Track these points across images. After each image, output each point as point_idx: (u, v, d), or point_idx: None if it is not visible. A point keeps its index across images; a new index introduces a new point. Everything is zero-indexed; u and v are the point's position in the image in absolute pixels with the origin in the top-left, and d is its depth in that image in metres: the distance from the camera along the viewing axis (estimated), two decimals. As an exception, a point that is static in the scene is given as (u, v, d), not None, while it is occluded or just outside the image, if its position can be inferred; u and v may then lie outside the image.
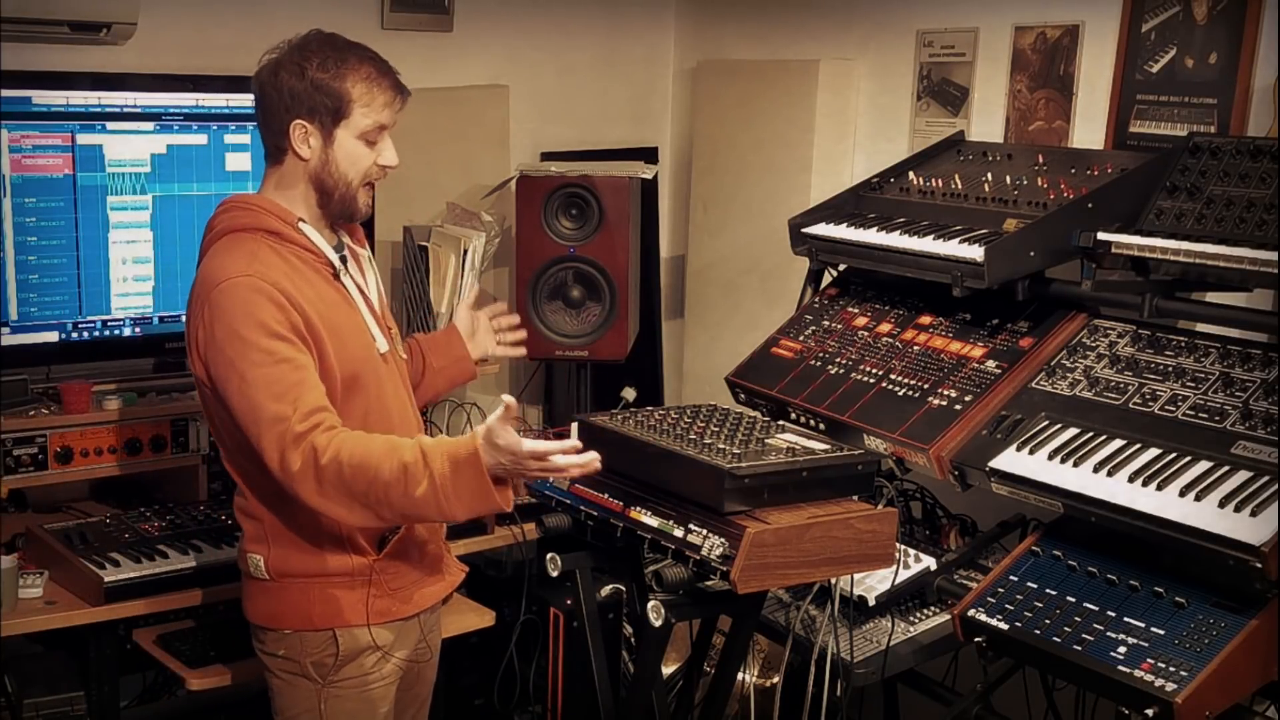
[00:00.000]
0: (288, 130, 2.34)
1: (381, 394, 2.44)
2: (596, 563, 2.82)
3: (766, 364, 3.12)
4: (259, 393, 2.22)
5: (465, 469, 2.17)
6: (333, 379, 2.33)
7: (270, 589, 2.42)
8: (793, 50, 4.00)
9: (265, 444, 2.22)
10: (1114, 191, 2.71)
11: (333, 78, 2.32)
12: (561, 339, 3.81)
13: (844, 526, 2.42)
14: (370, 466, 2.18)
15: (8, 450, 2.97)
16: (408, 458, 2.19)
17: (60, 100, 3.13)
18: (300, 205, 2.40)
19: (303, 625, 2.41)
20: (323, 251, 2.39)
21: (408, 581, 2.48)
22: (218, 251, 2.34)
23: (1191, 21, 3.02)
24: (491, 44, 4.08)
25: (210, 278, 2.30)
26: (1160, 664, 2.17)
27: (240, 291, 2.25)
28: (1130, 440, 2.43)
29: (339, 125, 2.35)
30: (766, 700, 3.28)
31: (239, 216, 2.36)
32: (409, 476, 2.17)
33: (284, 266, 2.32)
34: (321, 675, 2.42)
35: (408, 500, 2.19)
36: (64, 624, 2.77)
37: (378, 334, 2.46)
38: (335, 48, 2.35)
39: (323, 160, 2.36)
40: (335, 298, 2.39)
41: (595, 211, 3.75)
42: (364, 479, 2.19)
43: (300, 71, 2.32)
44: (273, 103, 2.34)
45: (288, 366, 2.24)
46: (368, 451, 2.20)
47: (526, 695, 3.46)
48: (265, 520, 2.40)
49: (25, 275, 3.13)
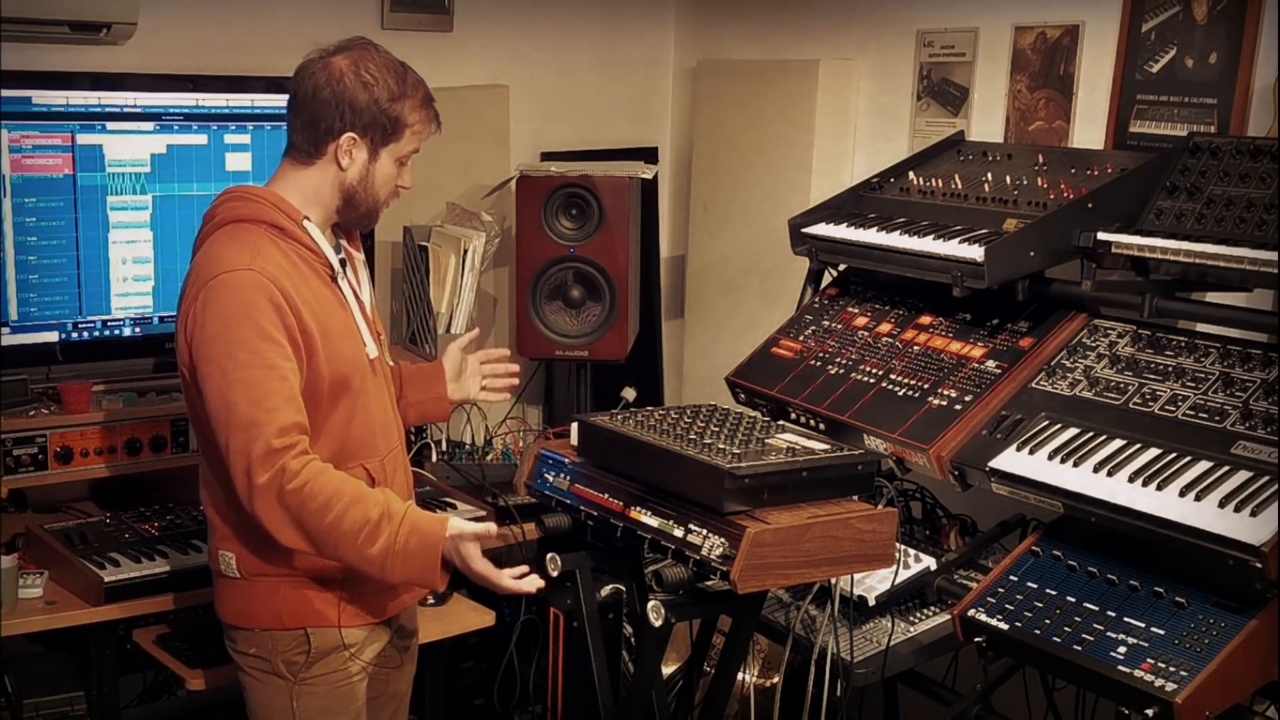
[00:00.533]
0: (338, 138, 2.34)
1: (367, 400, 2.43)
2: (596, 563, 2.82)
3: (766, 364, 3.12)
4: (238, 393, 2.21)
5: (423, 549, 2.25)
6: (321, 381, 2.32)
7: (241, 587, 2.41)
8: (793, 50, 4.00)
9: (232, 446, 2.21)
10: (1114, 191, 2.71)
11: (395, 101, 2.35)
12: (561, 339, 3.81)
13: (844, 526, 2.41)
14: (333, 510, 2.21)
15: (8, 450, 2.97)
16: (373, 514, 2.23)
17: (60, 100, 3.13)
18: (313, 206, 2.39)
19: (273, 624, 2.39)
20: (324, 252, 2.39)
21: (376, 589, 2.44)
22: (218, 240, 2.32)
23: (1191, 21, 3.02)
24: (491, 44, 4.08)
25: (209, 267, 2.28)
26: (1160, 664, 2.17)
27: (239, 287, 2.24)
28: (1130, 440, 2.43)
29: (386, 146, 2.37)
30: (766, 700, 3.29)
31: (242, 207, 2.34)
32: (369, 532, 2.22)
33: (284, 263, 2.31)
34: (293, 673, 2.41)
35: (357, 552, 2.24)
36: (64, 624, 2.77)
37: (369, 339, 2.45)
38: (396, 70, 2.37)
39: (363, 175, 2.38)
40: (331, 299, 2.39)
41: (595, 211, 3.75)
42: (323, 519, 2.21)
43: (366, 88, 2.32)
44: (327, 109, 2.32)
45: (272, 373, 2.22)
46: (336, 493, 2.22)
47: (526, 695, 3.46)
48: (237, 518, 2.36)
49: (25, 275, 3.13)
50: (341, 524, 2.21)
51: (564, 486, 2.68)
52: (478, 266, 3.62)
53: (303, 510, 2.21)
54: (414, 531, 2.24)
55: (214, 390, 2.23)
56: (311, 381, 2.31)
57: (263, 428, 2.19)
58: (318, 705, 2.43)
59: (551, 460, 2.75)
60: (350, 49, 2.37)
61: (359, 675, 2.47)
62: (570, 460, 2.71)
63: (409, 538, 2.24)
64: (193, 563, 2.88)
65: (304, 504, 2.20)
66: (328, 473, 2.24)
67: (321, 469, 2.23)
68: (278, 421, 2.20)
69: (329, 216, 2.43)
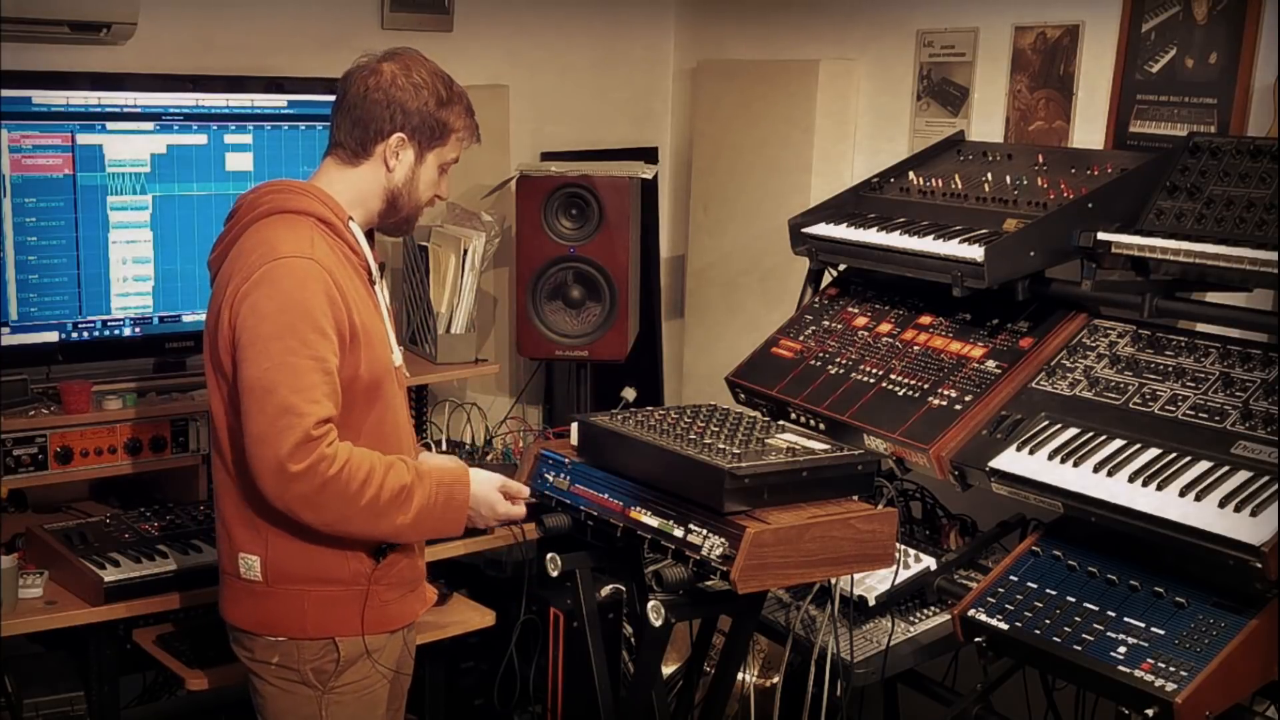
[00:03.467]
0: (387, 139, 2.37)
1: (395, 405, 2.44)
2: (596, 563, 2.82)
3: (766, 364, 3.12)
4: (281, 378, 2.20)
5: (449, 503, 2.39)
6: (359, 380, 2.33)
7: (261, 593, 2.38)
8: (793, 50, 4.00)
9: (265, 428, 2.20)
10: (1114, 191, 2.71)
11: (444, 107, 2.41)
12: (561, 339, 3.81)
13: (844, 526, 2.42)
14: (373, 484, 2.27)
15: (8, 450, 2.97)
16: (407, 478, 2.33)
17: (60, 100, 3.13)
18: (357, 207, 2.41)
19: (297, 633, 2.37)
20: (365, 253, 2.40)
21: (396, 595, 2.46)
22: (271, 226, 2.31)
23: (1191, 21, 3.02)
24: (491, 44, 4.08)
25: (265, 249, 2.27)
26: (1160, 664, 2.17)
27: (297, 274, 2.24)
28: (1130, 440, 2.43)
29: (432, 150, 2.42)
30: (766, 700, 3.28)
31: (291, 199, 2.34)
32: (404, 497, 2.32)
33: (334, 258, 2.32)
34: (322, 682, 2.39)
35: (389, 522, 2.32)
36: (64, 624, 2.77)
37: (395, 346, 2.46)
38: (443, 78, 2.44)
39: (408, 178, 2.42)
40: (369, 302, 2.40)
41: (595, 211, 3.75)
42: (364, 496, 2.26)
43: (417, 91, 2.38)
44: (378, 109, 2.37)
45: (318, 366, 2.23)
46: (372, 467, 2.28)
47: (526, 695, 3.46)
48: (266, 521, 2.35)
49: (25, 275, 3.13)
50: (381, 496, 2.27)
51: (564, 486, 2.69)
52: (478, 266, 3.62)
53: (345, 492, 2.23)
54: (441, 486, 2.36)
55: (256, 371, 2.22)
56: (350, 379, 2.31)
57: (303, 417, 2.19)
58: (347, 713, 2.42)
59: (551, 460, 2.75)
60: (399, 56, 2.42)
61: (382, 682, 2.47)
62: (570, 460, 2.71)
63: (437, 493, 2.36)
64: (193, 562, 2.88)
65: (347, 485, 2.23)
66: (355, 450, 2.27)
67: (349, 448, 2.26)
68: (317, 413, 2.21)
69: (370, 219, 2.45)
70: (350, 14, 3.76)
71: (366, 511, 2.26)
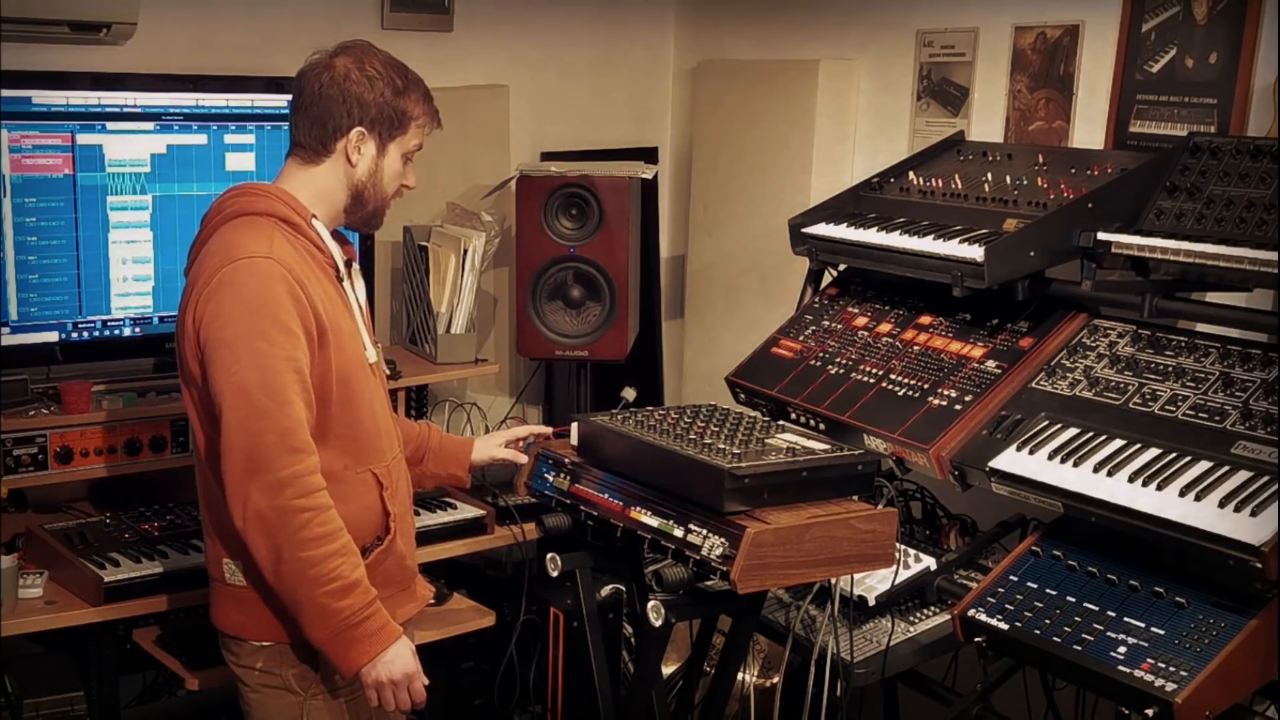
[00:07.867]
0: (346, 134, 2.36)
1: (371, 403, 2.42)
2: (596, 563, 2.82)
3: (766, 364, 3.12)
4: (251, 380, 2.18)
5: (368, 638, 2.25)
6: (330, 377, 2.31)
7: (245, 598, 2.35)
8: (793, 50, 4.00)
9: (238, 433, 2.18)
10: (1114, 191, 2.71)
11: (400, 96, 2.38)
12: (561, 339, 3.81)
13: (844, 526, 2.42)
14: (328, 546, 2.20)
15: (8, 450, 2.97)
16: (356, 574, 2.23)
17: (60, 100, 3.13)
18: (321, 205, 2.39)
19: (281, 638, 2.35)
20: (330, 250, 2.39)
21: (384, 596, 2.38)
22: (232, 229, 2.30)
23: (1191, 21, 3.02)
24: (491, 44, 4.08)
25: (225, 253, 2.26)
26: (1160, 664, 2.17)
27: (258, 274, 2.23)
28: (1130, 440, 2.43)
29: (393, 140, 2.40)
30: (766, 700, 3.28)
31: (253, 201, 2.34)
32: (343, 587, 2.21)
33: (296, 257, 2.30)
34: (304, 688, 2.37)
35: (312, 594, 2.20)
36: (64, 624, 2.76)
37: (368, 343, 2.45)
38: (396, 67, 2.41)
39: (371, 171, 2.40)
40: (337, 299, 2.38)
41: (595, 211, 3.75)
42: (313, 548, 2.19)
43: (371, 83, 2.36)
44: (335, 106, 2.35)
45: (289, 366, 2.21)
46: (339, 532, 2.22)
47: (526, 695, 3.46)
48: None
49: (25, 275, 3.13)
50: (328, 563, 2.20)
51: (564, 486, 2.69)
52: (478, 266, 3.62)
53: (301, 529, 2.18)
54: (378, 614, 2.25)
55: (225, 376, 2.20)
56: (321, 376, 2.29)
57: (276, 419, 2.18)
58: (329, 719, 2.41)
59: (551, 460, 2.75)
60: (351, 49, 2.39)
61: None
62: (570, 460, 2.71)
63: (369, 613, 2.24)
64: (193, 563, 2.88)
65: (307, 524, 2.18)
66: (335, 510, 2.23)
67: (330, 502, 2.23)
68: (291, 415, 2.19)
69: (335, 216, 2.43)
70: (350, 14, 3.76)
71: (303, 564, 2.19)
